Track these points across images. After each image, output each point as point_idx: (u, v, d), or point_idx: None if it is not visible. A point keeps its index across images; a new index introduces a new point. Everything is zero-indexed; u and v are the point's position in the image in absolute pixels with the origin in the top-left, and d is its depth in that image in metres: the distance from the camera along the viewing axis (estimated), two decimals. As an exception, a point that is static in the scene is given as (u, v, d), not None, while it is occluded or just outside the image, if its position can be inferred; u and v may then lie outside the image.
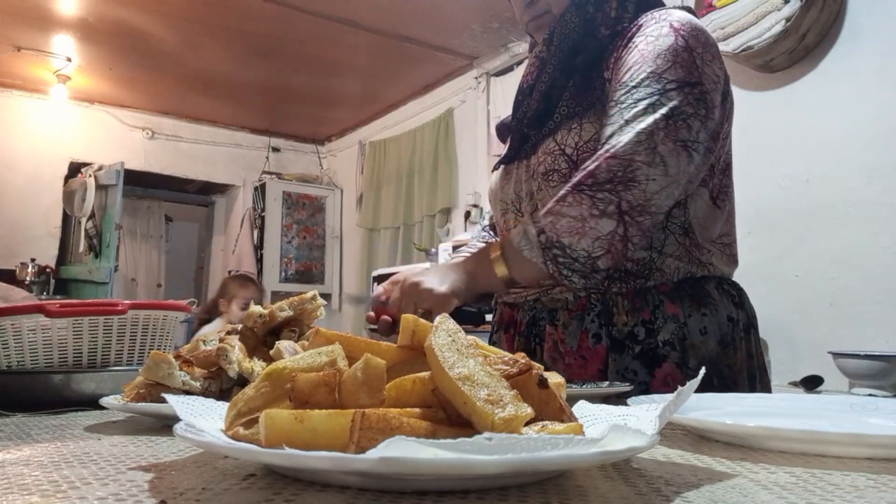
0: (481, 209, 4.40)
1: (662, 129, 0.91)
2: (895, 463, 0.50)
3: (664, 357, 1.02)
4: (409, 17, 3.96)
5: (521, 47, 4.00)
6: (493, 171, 1.28)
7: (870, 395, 1.78)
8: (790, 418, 0.66)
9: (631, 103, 0.94)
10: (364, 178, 5.64)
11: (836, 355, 2.13)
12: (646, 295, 1.05)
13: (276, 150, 6.32)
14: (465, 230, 4.40)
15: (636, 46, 1.00)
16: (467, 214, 4.45)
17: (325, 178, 6.38)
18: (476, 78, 4.56)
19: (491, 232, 1.41)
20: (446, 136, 4.78)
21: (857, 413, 0.66)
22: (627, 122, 0.93)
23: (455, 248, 3.73)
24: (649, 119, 0.92)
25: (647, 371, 1.02)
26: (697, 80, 0.95)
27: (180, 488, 0.39)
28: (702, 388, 0.91)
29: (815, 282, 2.58)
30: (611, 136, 0.94)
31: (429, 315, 1.05)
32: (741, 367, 1.06)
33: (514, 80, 3.93)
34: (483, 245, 1.05)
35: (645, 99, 0.94)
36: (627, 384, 1.05)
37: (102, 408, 0.74)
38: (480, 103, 4.42)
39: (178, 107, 5.67)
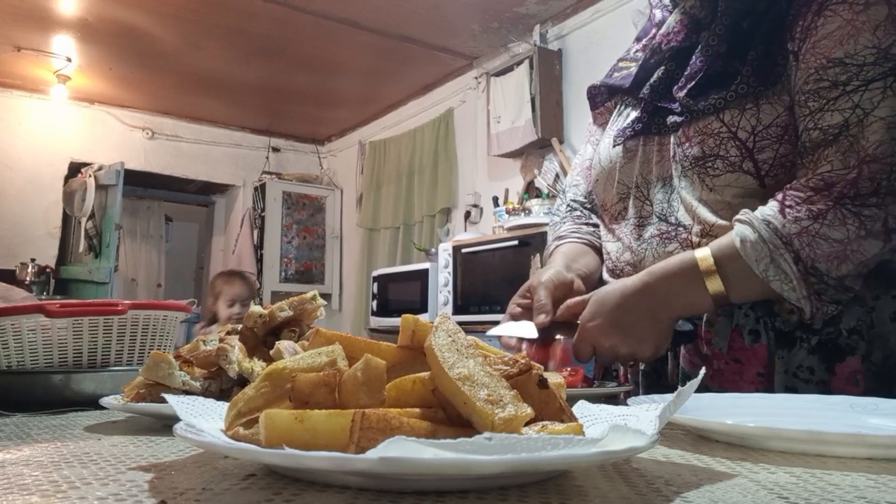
0: (481, 209, 4.40)
1: None
2: (895, 463, 0.50)
3: (850, 349, 0.86)
4: (409, 17, 3.96)
5: (522, 47, 4.00)
6: (603, 146, 1.09)
7: None
8: (790, 418, 0.66)
9: (859, 85, 0.81)
10: (364, 178, 5.64)
11: None
12: None
13: (275, 150, 6.32)
14: (465, 230, 4.40)
15: (838, 14, 0.85)
16: (467, 214, 4.45)
17: (325, 178, 6.38)
18: (476, 78, 4.56)
19: (582, 211, 1.19)
20: (446, 136, 4.78)
21: (857, 413, 0.66)
22: (866, 112, 0.80)
23: (455, 248, 3.73)
24: (892, 104, 0.80)
25: (826, 368, 0.87)
26: None
27: (180, 488, 0.39)
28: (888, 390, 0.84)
29: None
30: (846, 127, 0.81)
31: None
32: None
33: (514, 80, 3.92)
34: (681, 258, 0.86)
35: (877, 80, 0.81)
36: (629, 384, 1.02)
37: (102, 408, 0.74)
38: (480, 103, 4.41)
39: (178, 107, 5.67)
